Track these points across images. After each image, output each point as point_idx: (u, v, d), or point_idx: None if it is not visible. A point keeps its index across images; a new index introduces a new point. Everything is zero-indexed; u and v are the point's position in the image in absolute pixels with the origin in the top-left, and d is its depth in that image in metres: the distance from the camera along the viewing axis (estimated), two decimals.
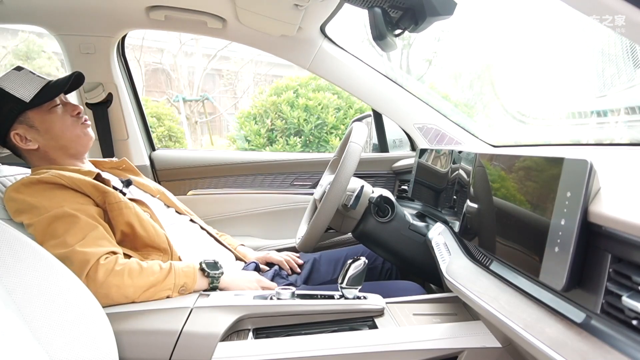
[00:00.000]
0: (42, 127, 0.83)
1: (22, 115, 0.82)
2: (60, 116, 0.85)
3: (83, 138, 0.87)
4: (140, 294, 0.69)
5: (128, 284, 0.67)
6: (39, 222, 0.70)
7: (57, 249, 0.67)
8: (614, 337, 0.37)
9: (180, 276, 0.73)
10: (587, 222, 0.39)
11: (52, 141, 0.84)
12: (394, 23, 0.70)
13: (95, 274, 0.66)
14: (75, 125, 0.86)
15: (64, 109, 0.86)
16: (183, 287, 0.72)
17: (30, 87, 0.82)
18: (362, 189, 0.93)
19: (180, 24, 1.25)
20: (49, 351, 0.46)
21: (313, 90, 4.06)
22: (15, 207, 0.73)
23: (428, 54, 6.38)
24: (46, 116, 0.83)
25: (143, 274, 0.70)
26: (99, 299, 0.64)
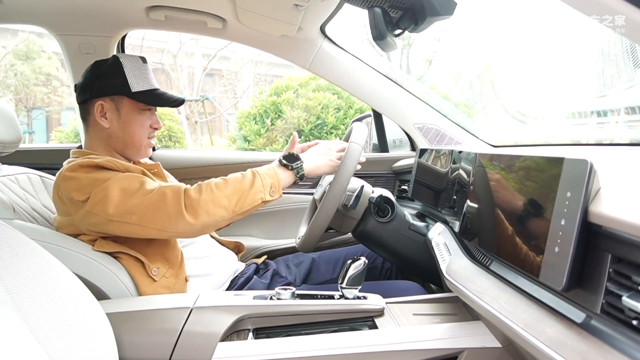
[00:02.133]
0: (124, 117, 0.86)
1: (120, 97, 0.85)
2: (144, 120, 0.88)
3: (142, 150, 0.90)
4: (236, 202, 0.72)
5: (220, 196, 0.71)
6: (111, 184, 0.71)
7: (141, 197, 0.70)
8: (614, 337, 0.37)
9: (265, 178, 0.76)
10: (587, 222, 0.39)
11: (122, 133, 0.86)
12: (394, 23, 0.70)
13: (189, 198, 0.70)
14: (146, 135, 0.89)
15: (151, 117, 0.90)
16: (272, 188, 0.75)
17: (142, 81, 0.86)
18: (362, 189, 0.93)
19: (180, 24, 1.25)
20: (49, 351, 0.46)
21: (313, 90, 4.06)
22: (75, 185, 0.74)
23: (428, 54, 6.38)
24: (135, 112, 0.86)
25: (229, 184, 0.73)
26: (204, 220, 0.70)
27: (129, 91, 0.84)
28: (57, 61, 6.95)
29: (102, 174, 0.74)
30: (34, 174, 1.00)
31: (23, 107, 7.33)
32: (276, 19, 1.10)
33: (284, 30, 1.18)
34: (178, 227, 0.71)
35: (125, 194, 0.71)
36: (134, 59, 0.87)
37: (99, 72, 0.85)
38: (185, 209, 0.70)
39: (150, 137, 0.90)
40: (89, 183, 0.73)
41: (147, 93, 0.86)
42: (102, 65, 0.86)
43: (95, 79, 0.85)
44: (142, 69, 0.87)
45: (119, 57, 0.85)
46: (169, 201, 0.70)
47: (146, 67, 0.88)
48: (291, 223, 1.39)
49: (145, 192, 0.71)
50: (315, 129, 3.96)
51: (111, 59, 0.86)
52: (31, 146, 1.73)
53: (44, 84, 7.14)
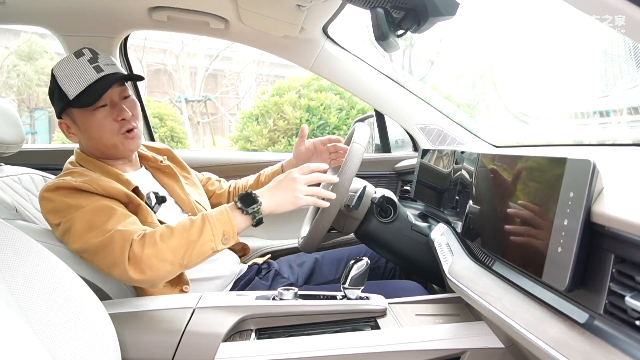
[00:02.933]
0: (82, 127, 0.79)
1: (67, 110, 0.79)
2: (101, 119, 0.78)
3: (120, 147, 0.80)
4: (182, 255, 0.65)
5: (164, 249, 0.64)
6: (78, 216, 0.68)
7: (99, 237, 0.66)
8: (617, 337, 0.36)
9: (215, 225, 0.67)
10: (590, 222, 0.39)
11: (90, 142, 0.80)
12: (396, 23, 0.70)
13: (133, 252, 0.65)
14: (114, 132, 0.79)
15: (110, 111, 0.78)
16: (225, 236, 0.67)
17: (78, 82, 0.75)
18: (364, 189, 0.93)
19: (183, 24, 1.26)
20: (52, 351, 0.46)
21: (315, 91, 4.06)
22: (50, 207, 0.72)
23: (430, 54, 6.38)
24: (87, 117, 0.77)
25: (175, 235, 0.66)
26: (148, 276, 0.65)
27: (68, 101, 0.76)
28: None
29: (76, 200, 0.70)
30: (37, 174, 1.00)
31: (26, 107, 7.37)
32: (278, 20, 1.10)
33: (287, 31, 1.18)
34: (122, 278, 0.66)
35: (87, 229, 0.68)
36: (67, 59, 0.78)
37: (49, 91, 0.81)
38: (129, 262, 0.64)
39: (123, 132, 0.79)
40: (63, 208, 0.70)
41: (85, 93, 0.75)
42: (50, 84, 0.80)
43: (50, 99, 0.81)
44: (76, 67, 0.76)
45: (53, 69, 0.78)
46: (116, 249, 0.65)
47: (81, 62, 0.77)
48: (294, 223, 1.39)
49: (103, 231, 0.67)
50: (318, 129, 3.95)
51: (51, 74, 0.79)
52: (34, 147, 1.74)
53: (46, 84, 7.17)
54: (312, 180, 0.72)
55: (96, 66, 0.77)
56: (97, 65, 0.78)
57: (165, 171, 0.93)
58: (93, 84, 0.76)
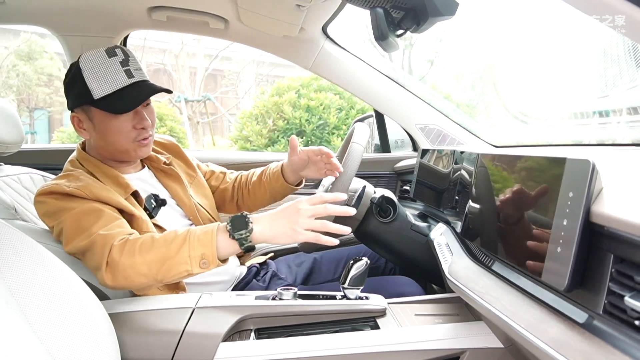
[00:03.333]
0: (98, 126, 0.77)
1: (86, 106, 0.76)
2: (121, 124, 0.76)
3: (132, 154, 0.79)
4: (157, 271, 0.61)
5: (140, 262, 0.61)
6: (67, 219, 0.68)
7: (84, 240, 0.66)
8: (617, 337, 0.36)
9: (195, 246, 0.61)
10: (589, 222, 0.39)
11: (102, 142, 0.78)
12: (396, 23, 0.70)
13: (112, 257, 0.62)
14: (131, 139, 0.77)
15: (132, 117, 0.77)
16: (203, 259, 0.61)
17: (107, 83, 0.73)
18: (364, 189, 0.93)
19: (182, 24, 1.26)
20: (51, 351, 0.46)
21: (315, 91, 4.06)
22: (44, 210, 0.72)
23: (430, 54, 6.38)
24: (108, 119, 0.75)
25: (154, 247, 0.62)
26: (122, 285, 0.63)
27: (92, 100, 0.73)
28: (59, 62, 6.98)
29: (68, 203, 0.70)
30: (37, 174, 1.00)
31: (25, 107, 7.37)
32: (278, 20, 1.10)
33: (286, 31, 1.18)
34: (100, 280, 0.65)
35: (75, 232, 0.67)
36: (98, 56, 0.74)
37: (66, 81, 0.78)
38: (106, 267, 0.63)
39: (139, 139, 0.78)
40: (55, 211, 0.70)
41: (113, 97, 0.73)
42: (68, 73, 0.77)
43: (65, 89, 0.79)
44: (107, 66, 0.73)
45: (80, 61, 0.74)
46: (97, 253, 0.64)
47: (112, 62, 0.74)
48: None
49: (88, 234, 0.66)
50: (317, 129, 3.95)
51: (74, 65, 0.76)
52: (33, 146, 1.74)
53: (46, 84, 7.17)
54: (319, 213, 0.63)
55: (127, 70, 0.75)
56: (128, 70, 0.75)
57: (168, 173, 0.90)
58: (123, 89, 0.74)
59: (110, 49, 0.76)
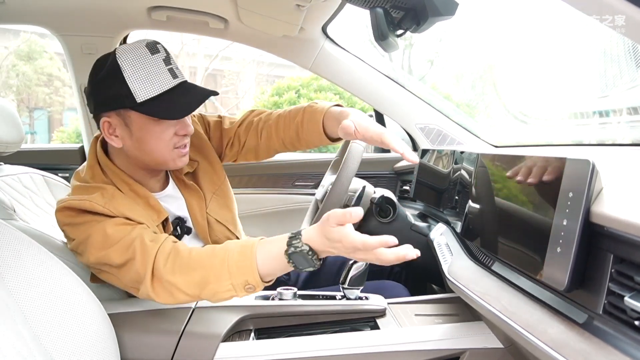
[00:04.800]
0: (137, 133, 0.66)
1: (124, 110, 0.65)
2: (164, 130, 0.67)
3: (170, 163, 0.70)
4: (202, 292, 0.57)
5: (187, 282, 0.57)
6: (98, 230, 0.62)
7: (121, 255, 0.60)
8: (616, 337, 0.36)
9: (236, 276, 0.56)
10: (589, 222, 0.39)
11: (138, 151, 0.68)
12: (395, 23, 0.70)
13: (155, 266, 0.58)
14: (171, 147, 0.69)
15: (174, 123, 0.68)
16: (249, 285, 0.56)
17: (150, 84, 0.64)
18: (363, 189, 0.93)
19: (182, 24, 1.26)
20: (50, 351, 0.46)
21: (315, 91, 4.07)
22: (66, 221, 0.65)
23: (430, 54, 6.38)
24: (150, 124, 0.66)
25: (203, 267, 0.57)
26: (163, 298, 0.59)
27: (134, 103, 0.63)
28: (59, 61, 6.98)
29: (99, 217, 0.63)
30: (37, 174, 1.00)
31: (25, 107, 7.37)
32: (278, 19, 1.10)
33: (286, 31, 1.18)
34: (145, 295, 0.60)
35: (107, 242, 0.61)
36: (138, 51, 0.65)
37: (98, 79, 0.66)
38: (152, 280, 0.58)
39: (178, 147, 0.69)
40: (82, 222, 0.63)
41: (159, 99, 0.64)
42: (100, 69, 0.66)
43: (95, 89, 0.67)
44: (149, 64, 0.64)
45: (118, 56, 0.64)
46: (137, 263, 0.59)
47: (156, 59, 0.65)
48: (293, 223, 1.39)
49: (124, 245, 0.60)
50: None
51: (110, 61, 0.65)
52: (33, 146, 1.74)
53: (45, 84, 7.17)
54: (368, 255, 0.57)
55: (171, 69, 0.67)
56: (172, 69, 0.67)
57: (189, 187, 0.80)
58: (169, 91, 0.65)
59: (151, 44, 0.66)
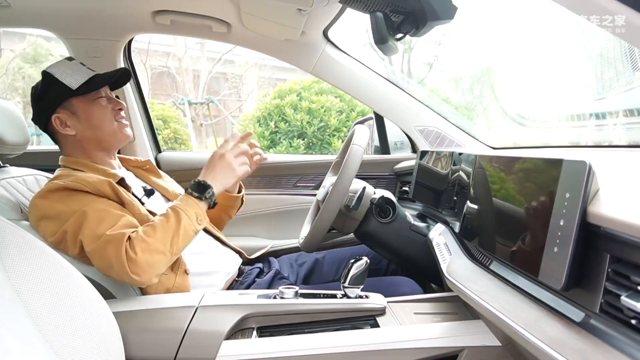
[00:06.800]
0: (83, 116, 0.85)
1: (67, 102, 0.84)
2: (102, 108, 0.86)
3: (119, 134, 0.88)
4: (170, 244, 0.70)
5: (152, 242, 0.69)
6: (70, 224, 0.71)
7: (92, 244, 0.69)
8: (613, 336, 0.37)
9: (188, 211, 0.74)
10: (586, 222, 0.39)
11: (89, 131, 0.85)
12: (395, 27, 0.71)
13: (129, 255, 0.67)
14: (112, 119, 0.87)
15: (107, 102, 0.88)
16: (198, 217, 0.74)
17: (78, 76, 0.84)
18: (364, 190, 0.94)
19: (186, 28, 1.27)
20: (57, 349, 0.47)
21: (316, 94, 4.08)
22: (40, 214, 0.73)
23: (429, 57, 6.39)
24: (89, 105, 0.85)
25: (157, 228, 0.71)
26: (148, 271, 0.68)
27: (72, 92, 0.83)
28: None
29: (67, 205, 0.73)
30: (41, 175, 1.01)
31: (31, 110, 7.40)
32: (280, 24, 1.11)
33: (288, 35, 1.19)
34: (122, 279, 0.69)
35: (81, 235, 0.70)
36: (61, 63, 0.87)
37: (38, 93, 0.85)
38: (130, 268, 0.67)
39: (118, 120, 0.88)
40: (55, 214, 0.73)
41: (88, 82, 0.84)
42: (37, 87, 0.86)
43: (38, 102, 0.85)
44: (71, 65, 0.86)
45: (47, 70, 0.85)
46: (111, 253, 0.68)
47: (75, 62, 0.87)
48: (294, 223, 1.40)
49: (95, 237, 0.69)
50: (318, 131, 3.97)
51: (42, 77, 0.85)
52: (38, 148, 1.76)
53: None
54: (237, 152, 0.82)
55: (87, 67, 0.88)
56: (87, 67, 0.88)
57: (146, 168, 0.98)
58: (91, 78, 0.85)
59: (67, 58, 0.89)
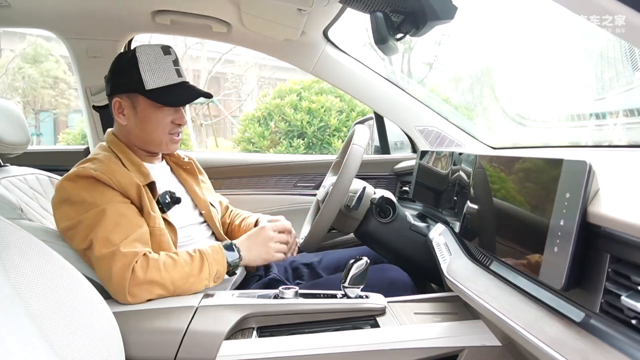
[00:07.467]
0: (141, 115, 0.82)
1: (134, 94, 0.81)
2: (163, 117, 0.82)
3: (164, 147, 0.86)
4: (180, 286, 0.70)
5: (165, 278, 0.69)
6: (88, 217, 0.71)
7: (102, 249, 0.68)
8: (613, 336, 0.37)
9: (213, 265, 0.74)
10: (586, 222, 0.39)
11: (139, 130, 0.83)
12: (395, 27, 0.71)
13: (136, 276, 0.67)
14: (166, 132, 0.84)
15: (173, 112, 0.84)
16: (217, 275, 0.74)
17: (159, 76, 0.80)
18: (364, 190, 0.94)
19: (186, 28, 1.27)
20: (57, 349, 0.47)
21: (316, 93, 4.08)
22: (64, 196, 0.73)
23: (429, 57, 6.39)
24: (151, 109, 0.81)
25: (177, 267, 0.71)
26: (139, 299, 0.68)
27: (142, 89, 0.79)
28: (64, 64, 7.02)
29: (92, 196, 0.72)
30: (42, 175, 1.01)
31: (31, 109, 7.41)
32: (280, 24, 1.11)
33: (288, 35, 1.19)
34: (115, 296, 0.69)
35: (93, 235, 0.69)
36: (154, 50, 0.81)
37: (117, 67, 0.83)
38: (129, 287, 0.67)
39: (172, 133, 0.85)
40: (78, 201, 0.72)
41: (164, 90, 0.80)
42: (121, 60, 0.83)
43: (113, 75, 0.83)
44: (162, 61, 0.81)
45: (137, 51, 0.80)
46: (115, 268, 0.67)
47: (167, 59, 0.82)
48: (294, 224, 1.39)
49: (107, 243, 0.69)
50: (318, 131, 3.97)
51: (130, 53, 0.81)
52: (39, 148, 1.76)
53: (51, 86, 7.21)
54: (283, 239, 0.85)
55: (177, 70, 0.83)
56: (178, 70, 0.83)
57: (186, 168, 0.95)
58: (172, 85, 0.81)
59: (165, 47, 0.83)
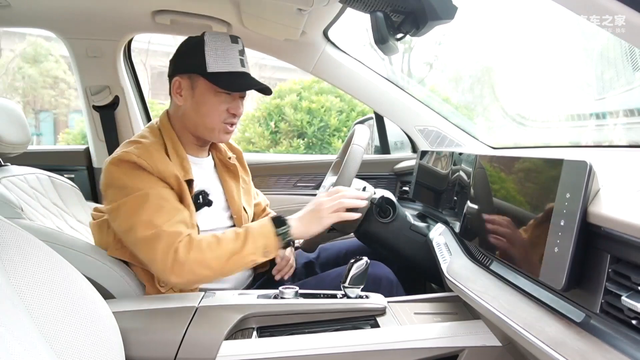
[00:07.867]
0: (198, 97, 0.80)
1: (196, 75, 0.80)
2: (219, 103, 0.81)
3: (216, 135, 0.83)
4: (224, 265, 0.70)
5: (209, 257, 0.69)
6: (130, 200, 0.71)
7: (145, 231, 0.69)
8: (613, 336, 0.37)
9: (258, 239, 0.72)
10: (586, 222, 0.39)
11: (194, 113, 0.81)
12: (395, 27, 0.71)
13: (178, 256, 0.68)
14: (221, 119, 0.82)
15: (228, 100, 0.82)
16: (266, 249, 0.72)
17: (222, 62, 0.79)
18: (364, 190, 0.94)
19: (186, 28, 1.27)
20: (57, 349, 0.47)
21: (316, 93, 4.08)
22: (109, 181, 0.74)
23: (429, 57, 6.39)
24: (209, 94, 0.80)
25: (221, 245, 0.71)
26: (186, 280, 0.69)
27: (204, 71, 0.78)
28: (64, 64, 7.01)
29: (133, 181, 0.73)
30: (43, 174, 1.01)
31: (31, 109, 7.40)
32: (280, 23, 1.11)
33: (288, 35, 1.19)
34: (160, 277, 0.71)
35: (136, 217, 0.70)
36: (222, 37, 0.81)
37: (183, 49, 0.82)
38: (172, 267, 0.68)
39: (227, 122, 0.83)
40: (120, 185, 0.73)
41: (225, 75, 0.79)
42: (187, 43, 0.82)
43: (178, 55, 0.83)
44: (227, 48, 0.80)
45: (205, 35, 0.80)
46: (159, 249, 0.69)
47: (233, 47, 0.81)
48: None
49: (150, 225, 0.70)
50: (318, 131, 3.97)
51: (198, 38, 0.81)
52: (39, 148, 1.76)
53: (51, 86, 7.20)
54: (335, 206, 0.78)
55: (242, 60, 0.83)
56: (243, 60, 0.83)
57: (229, 168, 0.94)
58: (234, 73, 0.80)
59: (233, 37, 0.82)
